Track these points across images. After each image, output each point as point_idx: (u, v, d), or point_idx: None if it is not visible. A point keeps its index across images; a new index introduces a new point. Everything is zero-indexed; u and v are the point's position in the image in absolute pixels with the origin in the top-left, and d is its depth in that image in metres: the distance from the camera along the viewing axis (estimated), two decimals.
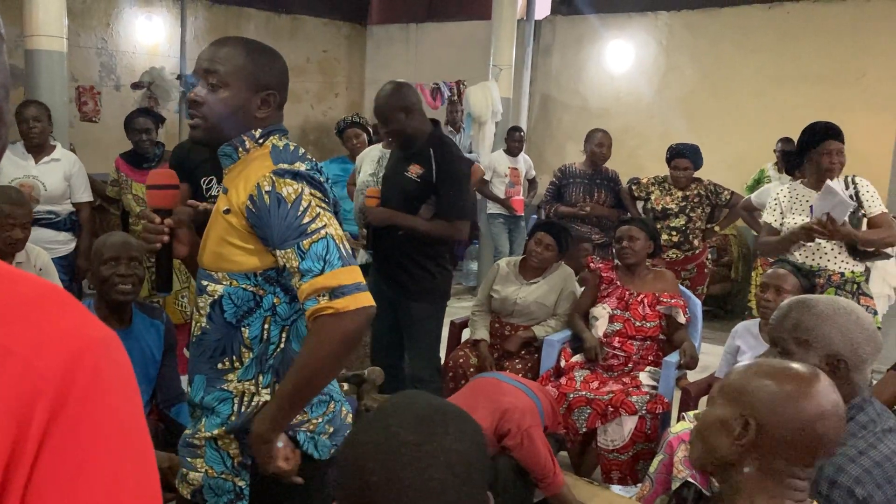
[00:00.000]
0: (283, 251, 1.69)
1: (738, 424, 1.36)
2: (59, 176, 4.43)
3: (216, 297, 1.80)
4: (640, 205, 5.64)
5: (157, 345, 2.91)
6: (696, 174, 5.45)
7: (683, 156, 5.31)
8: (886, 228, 3.70)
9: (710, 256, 5.82)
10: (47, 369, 0.59)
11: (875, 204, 3.75)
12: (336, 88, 10.78)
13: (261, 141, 1.82)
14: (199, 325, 1.86)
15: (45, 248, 3.88)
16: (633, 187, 5.64)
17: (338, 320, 1.62)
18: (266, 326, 1.78)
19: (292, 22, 10.16)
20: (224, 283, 1.79)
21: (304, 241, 1.66)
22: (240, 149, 1.82)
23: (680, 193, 5.34)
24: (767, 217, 3.98)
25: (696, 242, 5.34)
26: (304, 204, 1.68)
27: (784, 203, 3.88)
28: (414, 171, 3.54)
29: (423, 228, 3.56)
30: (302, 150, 1.83)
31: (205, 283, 1.83)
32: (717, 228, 5.74)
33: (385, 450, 1.00)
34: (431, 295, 3.69)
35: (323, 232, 1.66)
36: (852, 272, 3.72)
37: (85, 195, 4.56)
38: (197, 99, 1.81)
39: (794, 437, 1.33)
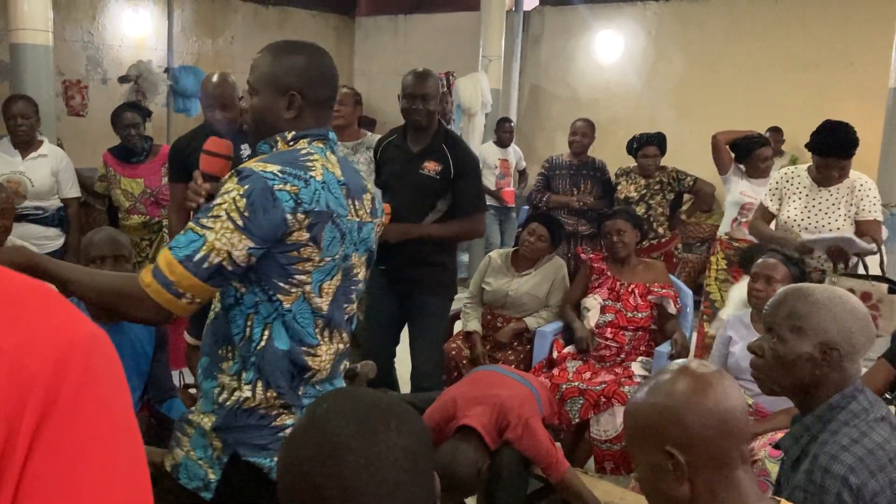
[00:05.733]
0: None
1: (666, 460, 1.32)
2: (46, 172, 4.39)
3: None
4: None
5: (148, 339, 2.89)
6: (681, 165, 5.46)
7: (652, 143, 5.31)
8: (868, 241, 3.68)
9: (679, 246, 5.79)
10: (37, 367, 0.59)
11: (871, 210, 3.77)
12: None
13: (291, 143, 1.85)
14: (213, 309, 1.91)
15: (33, 244, 3.84)
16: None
17: (138, 288, 1.64)
18: (249, 324, 1.79)
19: (280, 14, 10.10)
20: None
21: (191, 223, 1.69)
22: (274, 148, 1.87)
23: (643, 181, 5.33)
24: (765, 201, 4.05)
25: (660, 230, 5.32)
26: (220, 202, 1.68)
27: (784, 188, 3.92)
28: (431, 167, 3.49)
29: (444, 233, 3.55)
30: (311, 163, 1.77)
31: None
32: (683, 216, 5.71)
33: (333, 460, 1.00)
34: (446, 287, 3.72)
35: (203, 230, 1.66)
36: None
37: (73, 191, 4.53)
38: (245, 106, 1.94)
39: (713, 431, 1.31)
